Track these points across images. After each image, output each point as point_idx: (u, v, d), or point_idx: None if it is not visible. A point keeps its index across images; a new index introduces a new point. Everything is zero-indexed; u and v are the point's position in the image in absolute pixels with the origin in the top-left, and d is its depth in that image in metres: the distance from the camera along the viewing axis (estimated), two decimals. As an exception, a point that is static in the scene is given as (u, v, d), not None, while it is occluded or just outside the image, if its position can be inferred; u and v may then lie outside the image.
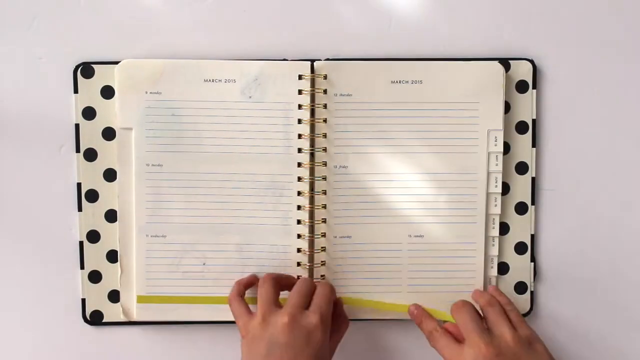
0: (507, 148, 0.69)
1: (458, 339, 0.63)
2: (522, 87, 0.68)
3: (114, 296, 0.69)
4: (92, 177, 0.68)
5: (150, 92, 0.67)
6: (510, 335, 0.61)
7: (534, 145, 0.69)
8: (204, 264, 0.68)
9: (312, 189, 0.68)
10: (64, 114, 0.68)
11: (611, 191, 0.70)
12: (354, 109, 0.67)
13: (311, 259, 0.68)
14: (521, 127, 0.69)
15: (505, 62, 0.68)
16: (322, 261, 0.68)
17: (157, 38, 0.69)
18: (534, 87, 0.69)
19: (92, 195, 0.69)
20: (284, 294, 0.65)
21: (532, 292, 0.70)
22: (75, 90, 0.68)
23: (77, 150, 0.68)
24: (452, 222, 0.68)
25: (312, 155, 0.67)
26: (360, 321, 0.69)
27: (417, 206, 0.68)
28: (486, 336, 0.61)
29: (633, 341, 0.71)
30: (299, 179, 0.67)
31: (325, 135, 0.67)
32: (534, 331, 0.63)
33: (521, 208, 0.69)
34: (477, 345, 0.60)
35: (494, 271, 0.69)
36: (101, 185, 0.68)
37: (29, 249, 0.69)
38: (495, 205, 0.68)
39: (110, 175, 0.68)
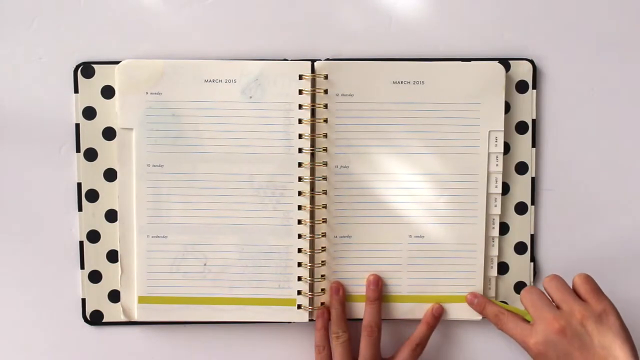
0: (507, 148, 0.69)
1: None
2: (522, 87, 0.69)
3: (114, 296, 0.69)
4: (93, 177, 0.68)
5: (151, 93, 0.67)
6: (578, 308, 0.60)
7: (533, 145, 0.69)
8: (204, 265, 0.68)
9: (312, 189, 0.68)
10: (64, 113, 0.68)
11: (611, 191, 0.70)
12: (355, 109, 0.67)
13: (312, 259, 0.68)
14: (521, 127, 0.69)
15: (505, 62, 0.68)
16: (322, 261, 0.68)
17: (157, 38, 0.68)
18: (534, 87, 0.69)
19: (93, 195, 0.69)
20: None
21: (532, 292, 0.70)
22: (76, 90, 0.68)
23: (78, 150, 0.68)
24: (452, 223, 0.68)
25: (312, 155, 0.67)
26: (361, 320, 0.69)
27: (418, 206, 0.68)
28: (554, 310, 0.61)
29: (634, 341, 0.72)
30: (300, 179, 0.67)
31: (325, 135, 0.67)
32: (608, 302, 0.61)
33: (521, 208, 0.70)
34: (546, 319, 0.60)
35: (494, 271, 0.69)
36: (101, 185, 0.68)
37: (29, 248, 0.69)
38: (495, 206, 0.69)
39: (110, 175, 0.68)
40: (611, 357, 0.58)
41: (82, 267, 0.69)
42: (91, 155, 0.68)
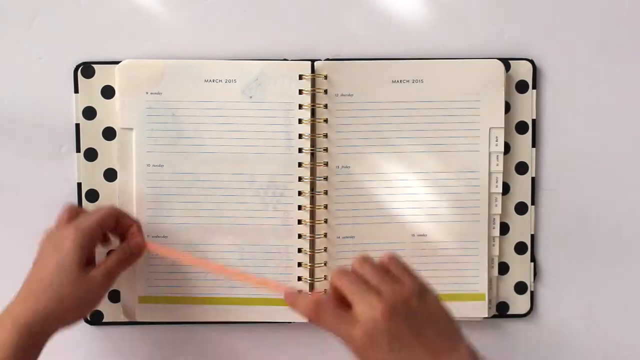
0: (507, 148, 0.69)
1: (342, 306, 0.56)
2: (522, 87, 0.69)
3: (114, 296, 0.69)
4: (93, 177, 0.68)
5: (151, 93, 0.67)
6: (398, 289, 0.55)
7: (534, 145, 0.69)
8: (205, 264, 0.68)
9: (313, 189, 0.68)
10: (65, 113, 0.68)
11: (611, 191, 0.70)
12: (355, 109, 0.67)
13: (312, 259, 0.68)
14: (521, 127, 0.69)
15: (505, 62, 0.68)
16: (324, 262, 0.68)
17: (157, 38, 0.69)
18: (534, 87, 0.69)
19: (93, 195, 0.68)
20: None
21: (532, 292, 0.70)
22: (76, 90, 0.68)
23: (78, 150, 0.68)
24: (454, 221, 0.68)
25: (312, 155, 0.67)
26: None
27: (420, 205, 0.68)
28: (377, 294, 0.54)
29: (634, 341, 0.72)
30: (300, 179, 0.67)
31: (326, 135, 0.67)
32: (421, 279, 0.57)
33: (521, 208, 0.70)
34: (368, 304, 0.53)
35: (494, 271, 0.69)
36: (101, 185, 0.68)
37: (29, 249, 0.69)
38: (496, 205, 0.69)
39: (110, 175, 0.68)
40: (442, 333, 0.54)
41: (82, 267, 0.69)
42: (91, 155, 0.68)
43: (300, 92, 0.67)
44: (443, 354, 0.53)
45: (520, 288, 0.70)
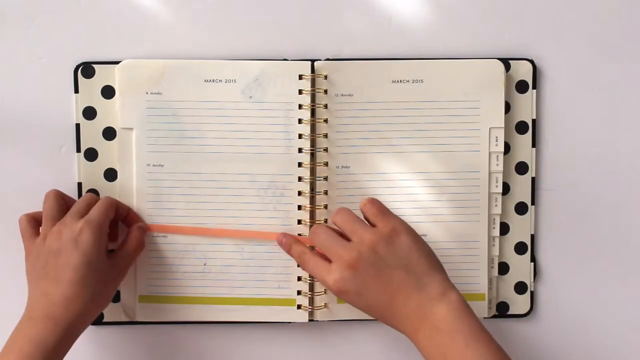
0: (507, 148, 0.69)
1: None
2: (522, 87, 0.69)
3: (114, 296, 0.69)
4: (93, 177, 0.68)
5: (151, 93, 0.67)
6: (367, 236, 0.59)
7: (534, 145, 0.69)
8: (205, 264, 0.68)
9: (313, 189, 0.68)
10: (65, 113, 0.68)
11: (611, 191, 0.70)
12: (355, 109, 0.67)
13: (312, 259, 0.68)
14: (521, 127, 0.69)
15: (505, 62, 0.68)
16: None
17: (157, 38, 0.69)
18: (534, 87, 0.69)
19: (93, 196, 0.69)
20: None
21: (532, 292, 0.70)
22: (76, 90, 0.68)
23: (78, 150, 0.68)
24: (455, 222, 0.68)
25: (312, 155, 0.67)
26: (362, 321, 0.69)
27: (420, 205, 0.68)
28: (344, 245, 0.59)
29: (633, 342, 0.72)
30: (300, 179, 0.67)
31: (326, 135, 0.67)
32: (396, 221, 0.61)
33: (521, 208, 0.70)
34: (338, 256, 0.59)
35: (494, 271, 0.69)
36: (102, 185, 0.68)
37: (29, 249, 0.69)
38: (496, 205, 0.69)
39: (110, 175, 0.68)
40: (411, 273, 0.58)
41: (82, 267, 0.69)
42: (91, 155, 0.68)
43: (300, 92, 0.67)
44: (411, 293, 0.58)
45: (520, 288, 0.70)
